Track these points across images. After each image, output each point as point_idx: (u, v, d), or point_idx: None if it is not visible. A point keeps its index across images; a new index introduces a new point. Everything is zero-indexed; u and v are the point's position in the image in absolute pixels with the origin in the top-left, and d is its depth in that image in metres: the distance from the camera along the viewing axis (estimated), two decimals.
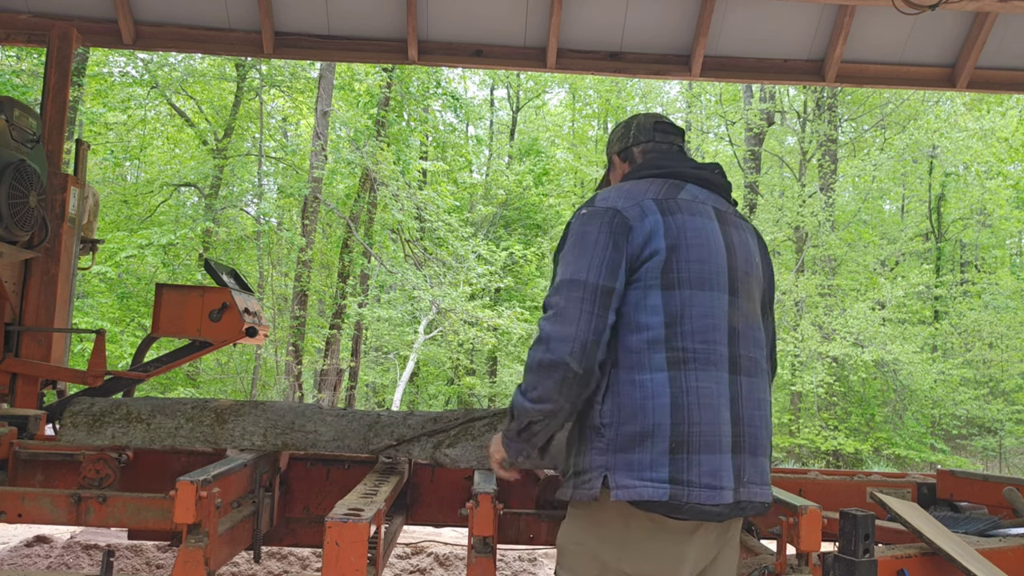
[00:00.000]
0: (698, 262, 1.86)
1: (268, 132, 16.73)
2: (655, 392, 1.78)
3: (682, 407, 1.78)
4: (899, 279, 16.10)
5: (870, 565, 2.00)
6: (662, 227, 1.84)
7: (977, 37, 5.62)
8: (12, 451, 3.01)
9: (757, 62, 5.86)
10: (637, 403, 1.79)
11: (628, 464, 1.77)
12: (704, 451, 1.78)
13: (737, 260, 1.94)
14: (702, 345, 1.82)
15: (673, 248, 1.84)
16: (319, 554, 4.52)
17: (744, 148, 18.42)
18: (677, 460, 1.76)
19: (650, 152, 2.10)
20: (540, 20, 5.60)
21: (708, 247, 1.88)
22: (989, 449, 16.38)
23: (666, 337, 1.81)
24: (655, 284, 1.82)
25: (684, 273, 1.84)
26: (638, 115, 2.20)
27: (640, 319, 1.82)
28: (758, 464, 1.89)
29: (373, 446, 2.85)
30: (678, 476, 1.76)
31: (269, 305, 15.73)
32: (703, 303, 1.84)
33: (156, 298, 4.42)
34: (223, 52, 6.00)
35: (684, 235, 1.86)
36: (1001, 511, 3.01)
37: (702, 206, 1.94)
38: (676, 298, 1.83)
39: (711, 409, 1.81)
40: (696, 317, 1.83)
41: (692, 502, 1.76)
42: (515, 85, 21.85)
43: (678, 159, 2.06)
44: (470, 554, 2.23)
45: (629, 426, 1.79)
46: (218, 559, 2.31)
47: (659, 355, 1.80)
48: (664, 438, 1.77)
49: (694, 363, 1.81)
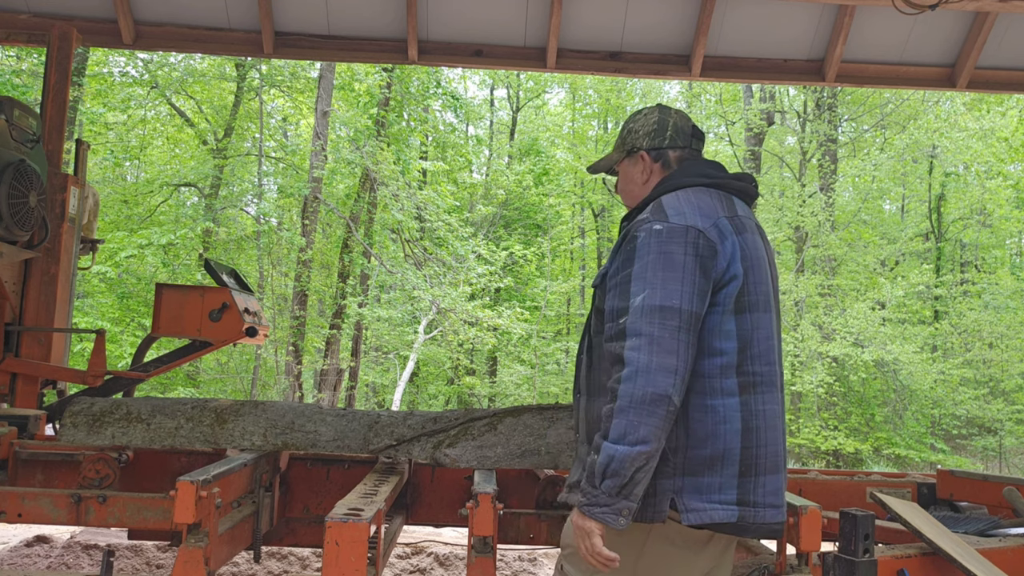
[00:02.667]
0: (760, 284, 1.84)
1: (268, 132, 16.73)
2: (727, 417, 1.76)
3: (752, 431, 1.77)
4: (899, 279, 16.10)
5: (870, 565, 2.00)
6: (739, 250, 1.80)
7: (977, 37, 5.62)
8: (12, 451, 3.01)
9: (757, 62, 5.86)
10: (708, 428, 1.75)
11: (697, 487, 1.75)
12: (768, 472, 1.79)
13: (774, 278, 1.94)
14: (766, 367, 1.82)
15: (747, 271, 1.80)
16: (319, 554, 4.52)
17: (744, 148, 18.42)
18: (745, 483, 1.76)
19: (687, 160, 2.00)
20: (540, 20, 5.60)
21: (763, 268, 1.86)
22: (989, 449, 16.38)
23: (738, 362, 1.78)
24: (730, 309, 1.78)
25: (753, 296, 1.81)
26: (669, 111, 2.05)
27: (715, 344, 1.77)
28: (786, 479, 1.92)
29: (373, 446, 2.85)
30: (745, 498, 1.76)
31: (269, 305, 15.73)
32: (766, 326, 1.83)
33: (156, 298, 4.42)
34: (223, 52, 6.00)
35: (753, 257, 1.83)
36: (1001, 511, 3.01)
37: (750, 222, 1.90)
38: (747, 322, 1.79)
39: (775, 431, 1.82)
40: (762, 340, 1.81)
41: (759, 522, 1.77)
42: (515, 85, 21.85)
43: (718, 168, 1.99)
44: (470, 554, 2.23)
45: (699, 450, 1.75)
46: (218, 559, 2.31)
47: (731, 380, 1.77)
48: (735, 462, 1.75)
49: (761, 387, 1.80)
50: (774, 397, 1.83)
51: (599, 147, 24.15)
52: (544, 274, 18.38)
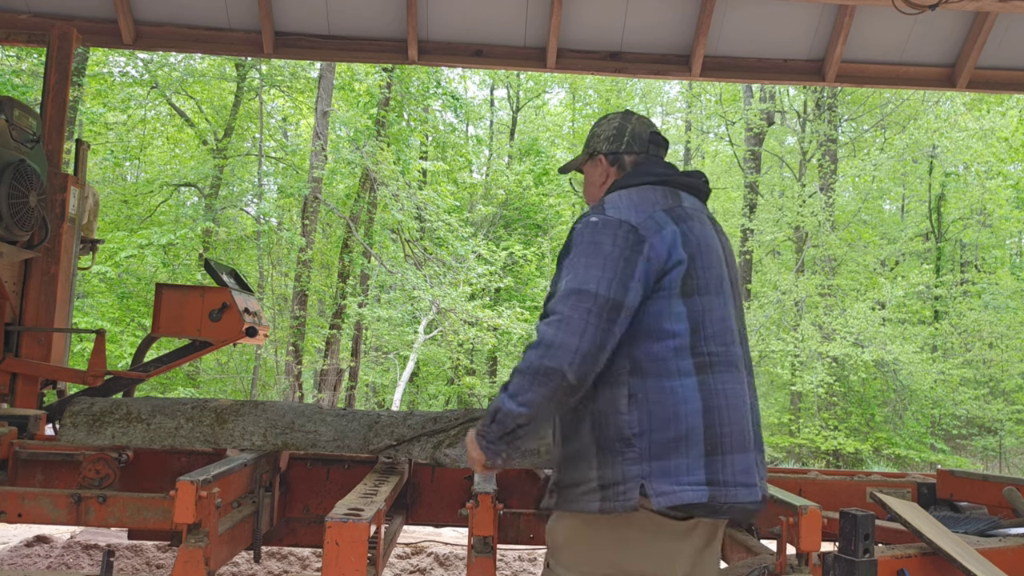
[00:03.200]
0: (710, 268, 1.90)
1: (268, 132, 16.72)
2: (686, 397, 1.80)
3: (713, 409, 1.82)
4: (899, 279, 16.09)
5: (870, 565, 2.00)
6: (679, 237, 1.86)
7: (977, 37, 5.62)
8: (12, 451, 3.01)
9: (757, 62, 5.86)
10: (670, 410, 1.80)
11: (665, 471, 1.78)
12: (736, 451, 1.83)
13: (730, 265, 2.02)
14: (722, 348, 1.87)
15: (692, 256, 1.87)
16: (319, 554, 4.52)
17: (744, 148, 18.41)
18: (712, 462, 1.80)
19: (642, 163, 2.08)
20: (540, 20, 5.60)
21: (714, 254, 1.94)
22: (989, 449, 16.38)
23: (691, 343, 1.83)
24: (677, 292, 1.84)
25: (702, 280, 1.87)
26: (631, 117, 2.15)
27: (666, 327, 1.83)
28: (763, 460, 1.96)
29: (373, 446, 2.85)
30: (715, 478, 1.79)
31: (269, 305, 15.73)
32: (719, 308, 1.89)
33: (156, 298, 4.42)
34: (223, 52, 6.00)
35: (699, 243, 1.90)
36: (1001, 511, 3.01)
37: (699, 214, 1.98)
38: (696, 304, 1.85)
39: (738, 410, 1.86)
40: (715, 321, 1.87)
41: (731, 501, 1.80)
42: (515, 85, 21.85)
43: (669, 167, 2.08)
44: (470, 554, 2.23)
45: (662, 433, 1.79)
46: (218, 559, 2.31)
47: (686, 361, 1.82)
48: (699, 442, 1.79)
49: (719, 366, 1.85)
50: (735, 377, 1.88)
51: None
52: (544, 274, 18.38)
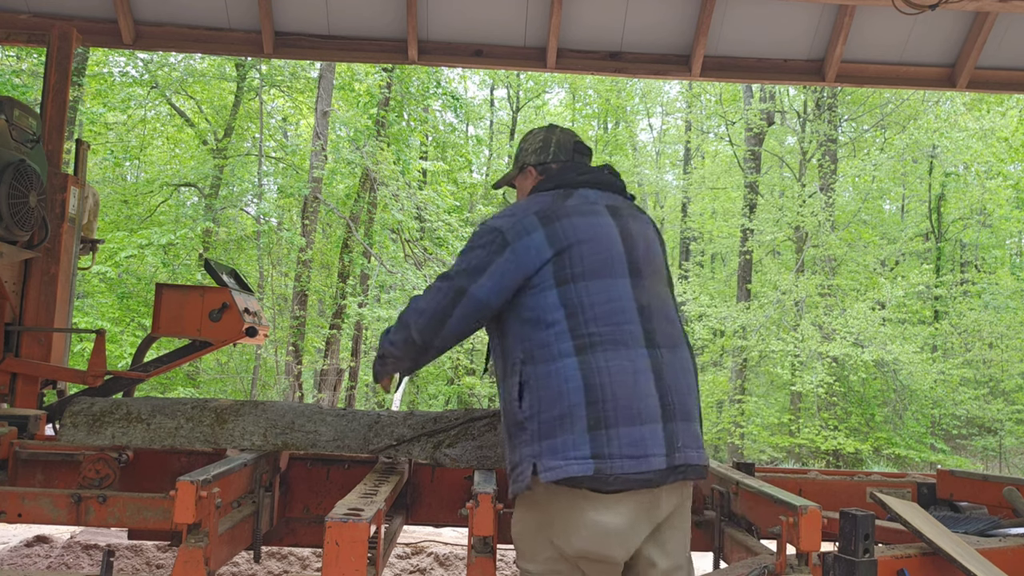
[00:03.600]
0: (593, 254, 2.02)
1: (268, 132, 16.73)
2: (567, 377, 1.92)
3: (595, 386, 1.91)
4: (899, 279, 16.10)
5: (870, 565, 2.00)
6: (546, 238, 2.02)
7: (977, 37, 5.62)
8: (12, 451, 3.01)
9: (757, 62, 5.86)
10: (554, 390, 1.93)
11: (553, 448, 1.91)
12: (623, 424, 1.90)
13: (636, 246, 2.11)
14: (608, 328, 1.97)
15: (563, 250, 2.01)
16: (319, 554, 4.52)
17: (744, 148, 18.41)
18: (597, 436, 1.89)
19: (554, 173, 2.25)
20: (540, 20, 5.60)
21: (602, 240, 2.05)
22: (989, 449, 16.39)
23: (570, 327, 1.96)
24: (551, 284, 1.99)
25: (579, 268, 2.00)
26: (556, 130, 2.35)
27: (545, 317, 1.98)
28: (691, 430, 2.02)
29: (373, 446, 2.85)
30: (600, 451, 1.88)
31: (269, 305, 15.73)
32: (603, 290, 2.00)
33: (156, 298, 4.42)
34: (223, 52, 6.00)
35: (575, 235, 2.03)
36: (1001, 511, 3.01)
37: (593, 206, 2.12)
38: (572, 291, 1.99)
39: (625, 385, 1.93)
40: (598, 304, 1.98)
41: (616, 473, 1.88)
42: (515, 85, 21.86)
43: (572, 171, 2.23)
44: (470, 554, 2.23)
45: (548, 413, 1.93)
46: (218, 559, 2.31)
47: (566, 344, 1.95)
48: (582, 418, 1.90)
49: (602, 345, 1.95)
50: (625, 354, 1.95)
51: (599, 147, 24.15)
52: None
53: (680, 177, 23.02)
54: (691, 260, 21.67)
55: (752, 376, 17.54)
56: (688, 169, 21.98)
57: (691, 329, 17.57)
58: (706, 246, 21.34)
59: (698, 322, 17.04)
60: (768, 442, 15.89)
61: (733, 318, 16.11)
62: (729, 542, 2.75)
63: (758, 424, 16.02)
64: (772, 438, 15.89)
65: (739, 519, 2.78)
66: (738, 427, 15.93)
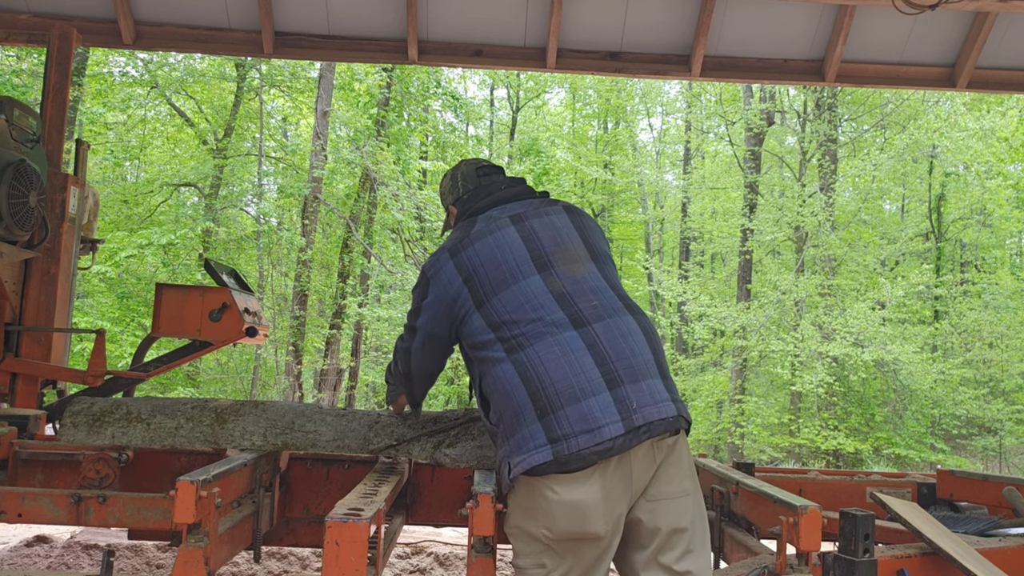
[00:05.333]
0: (496, 269, 2.20)
1: (268, 132, 16.73)
2: (507, 378, 2.07)
3: (531, 378, 2.04)
4: (899, 279, 16.09)
5: (870, 565, 2.00)
6: (455, 268, 2.24)
7: (977, 37, 5.62)
8: (12, 451, 3.01)
9: (757, 62, 5.86)
10: (501, 395, 2.09)
11: (517, 445, 2.03)
12: (567, 404, 2.00)
13: (541, 242, 2.26)
14: (530, 326, 2.10)
15: (469, 277, 2.22)
16: (319, 554, 4.52)
17: (744, 148, 18.41)
18: (547, 422, 2.00)
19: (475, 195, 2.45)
20: (540, 20, 5.60)
21: (503, 252, 2.23)
22: (989, 449, 16.39)
23: (498, 337, 2.13)
24: (471, 309, 2.20)
25: (487, 287, 2.19)
26: (460, 164, 2.58)
27: (480, 338, 2.17)
28: (644, 388, 2.05)
29: (373, 446, 2.85)
30: (553, 435, 1.98)
31: (269, 305, 15.73)
32: (514, 296, 2.16)
33: (156, 298, 4.42)
34: (223, 52, 6.00)
35: (478, 258, 2.23)
36: (1001, 511, 3.01)
37: (495, 223, 2.30)
38: (490, 309, 2.17)
39: (560, 368, 2.03)
40: (515, 310, 2.14)
41: (575, 450, 1.95)
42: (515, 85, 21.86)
43: (476, 199, 2.43)
44: (470, 554, 2.23)
45: (506, 416, 2.08)
46: (218, 559, 2.31)
47: (498, 352, 2.12)
48: (530, 410, 2.02)
49: (527, 340, 2.09)
50: (554, 340, 2.07)
51: (599, 147, 24.15)
52: None
53: (680, 177, 23.01)
54: (691, 260, 21.66)
55: (752, 376, 17.53)
56: (688, 169, 21.97)
57: (691, 329, 17.57)
58: (706, 246, 21.33)
59: (698, 322, 17.04)
60: (768, 442, 15.89)
61: (733, 318, 16.11)
62: (729, 542, 2.75)
63: (758, 424, 16.02)
64: (772, 438, 15.89)
65: (739, 519, 2.78)
66: (738, 427, 15.92)
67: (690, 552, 2.07)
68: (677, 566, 2.05)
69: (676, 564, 2.05)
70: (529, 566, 2.08)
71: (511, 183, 2.48)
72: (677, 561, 2.05)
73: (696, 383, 17.39)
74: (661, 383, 2.09)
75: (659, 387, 2.08)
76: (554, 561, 2.03)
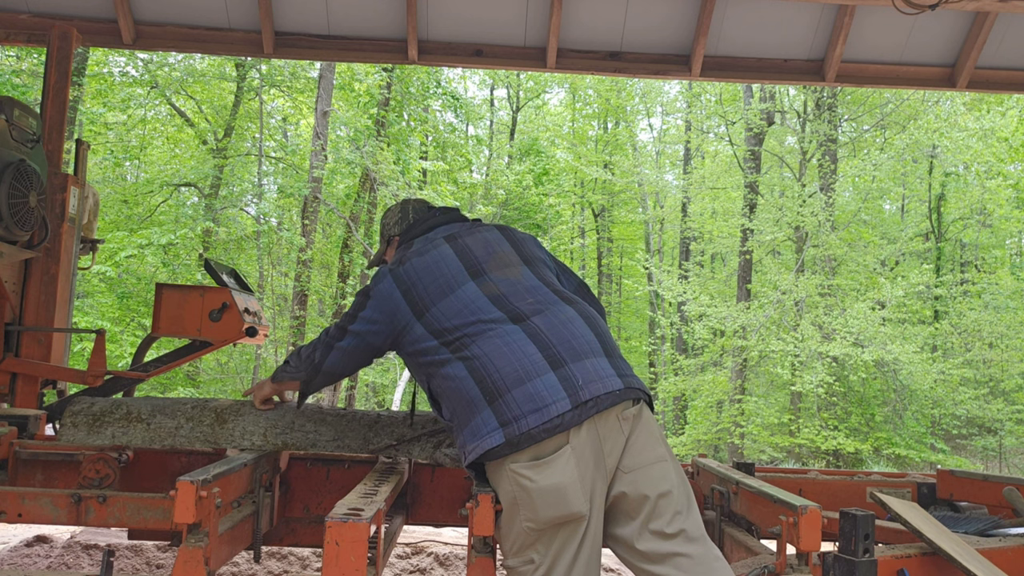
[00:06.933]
0: (433, 282, 2.34)
1: (268, 132, 16.73)
2: (455, 375, 2.17)
3: (478, 369, 2.14)
4: (899, 279, 16.09)
5: (870, 565, 2.00)
6: (392, 283, 2.37)
7: (977, 37, 5.62)
8: (12, 451, 3.01)
9: (757, 62, 5.86)
10: (452, 391, 2.19)
11: (471, 433, 2.12)
12: (514, 387, 2.08)
13: (473, 253, 2.41)
14: (471, 327, 2.21)
15: (407, 290, 2.35)
16: (319, 554, 4.53)
17: (744, 148, 18.41)
18: (497, 407, 2.08)
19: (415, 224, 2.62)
20: (540, 20, 5.60)
21: (439, 266, 2.38)
22: (989, 449, 16.39)
23: (443, 343, 2.24)
24: (413, 320, 2.31)
25: (426, 298, 2.32)
26: (410, 201, 2.77)
27: (421, 346, 2.28)
28: (588, 366, 2.12)
29: (373, 446, 2.85)
30: (503, 418, 2.06)
31: (269, 305, 15.74)
32: (452, 303, 2.28)
33: (156, 298, 4.41)
34: (223, 52, 6.00)
35: (416, 273, 2.37)
36: (1001, 511, 3.01)
37: (431, 243, 2.47)
38: (430, 317, 2.29)
39: (503, 356, 2.13)
40: (454, 315, 2.25)
41: (524, 430, 2.03)
42: (515, 85, 21.86)
43: (415, 226, 2.62)
44: (470, 554, 2.23)
45: (458, 409, 2.18)
46: (218, 559, 2.31)
47: (444, 354, 2.22)
48: (479, 399, 2.11)
49: (471, 340, 2.19)
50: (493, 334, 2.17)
51: (599, 147, 24.15)
52: None
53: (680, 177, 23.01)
54: (691, 260, 21.66)
55: (752, 376, 17.53)
56: (688, 169, 21.97)
57: (691, 329, 17.56)
58: (706, 246, 21.33)
59: (698, 322, 17.04)
60: (768, 442, 15.89)
61: (733, 318, 16.11)
62: (729, 542, 2.75)
63: (758, 424, 16.02)
64: (772, 438, 15.90)
65: (739, 519, 2.78)
66: (738, 427, 15.93)
67: (679, 513, 2.08)
68: (669, 528, 2.05)
69: (667, 527, 2.06)
70: (518, 564, 2.09)
71: (445, 211, 2.68)
72: (668, 524, 2.06)
73: (696, 383, 17.40)
74: (606, 360, 2.17)
75: (604, 364, 2.15)
76: (542, 553, 2.05)
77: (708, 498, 2.93)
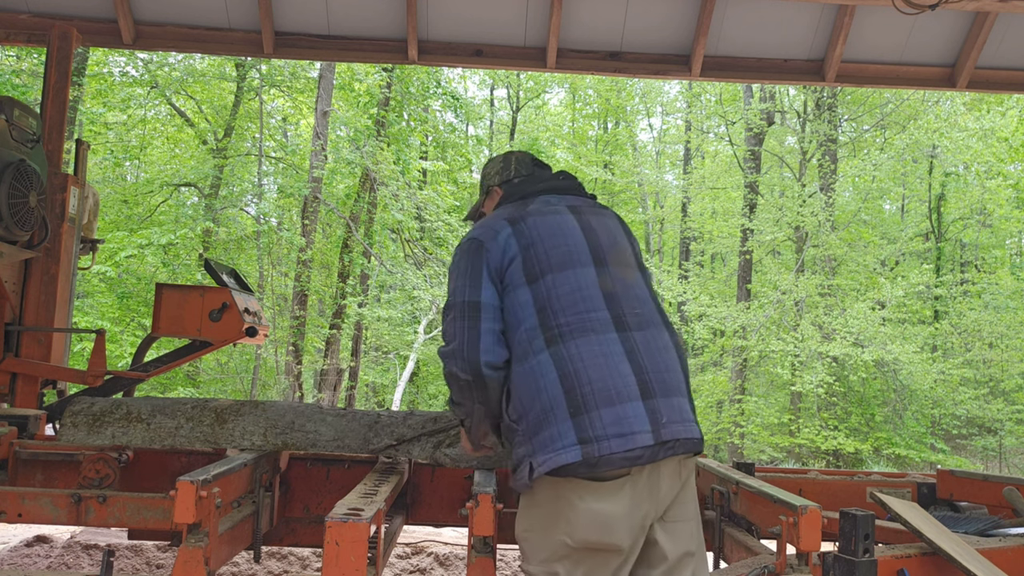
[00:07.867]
0: (556, 248, 2.12)
1: (268, 132, 16.72)
2: (543, 371, 1.98)
3: (569, 374, 1.97)
4: (899, 279, 16.08)
5: (870, 565, 2.00)
6: (513, 235, 2.14)
7: (977, 37, 5.62)
8: (12, 451, 3.01)
9: (757, 62, 5.86)
10: (533, 387, 1.99)
11: (543, 443, 1.95)
12: (603, 406, 1.94)
13: (599, 237, 2.20)
14: (575, 317, 2.03)
15: (528, 246, 2.12)
16: (319, 554, 4.52)
17: (744, 148, 18.41)
18: (579, 422, 1.93)
19: (528, 180, 2.39)
20: (540, 20, 5.60)
21: (564, 234, 2.16)
22: (989, 449, 16.38)
23: (540, 322, 2.03)
24: (522, 282, 2.09)
25: (544, 263, 2.10)
26: (514, 152, 2.53)
27: (518, 315, 2.06)
28: (674, 404, 2.02)
29: (373, 446, 2.85)
30: (584, 435, 1.91)
31: (269, 305, 15.73)
32: (568, 281, 2.08)
33: (156, 298, 4.42)
34: (223, 52, 6.00)
35: (537, 232, 2.14)
36: (1001, 511, 3.01)
37: (554, 207, 2.25)
38: (542, 286, 2.07)
39: (599, 368, 1.97)
40: (564, 295, 2.06)
41: (606, 453, 1.90)
42: (515, 85, 21.87)
43: (531, 182, 2.38)
44: (470, 554, 2.23)
45: (533, 411, 1.98)
46: (218, 559, 2.31)
47: (538, 340, 2.02)
48: (562, 407, 1.94)
49: (572, 334, 2.01)
50: (596, 339, 2.01)
51: (599, 147, 24.16)
52: None
53: (680, 177, 23.01)
54: (691, 260, 21.67)
55: (752, 376, 17.53)
56: (688, 169, 21.97)
57: (691, 329, 17.57)
58: (706, 246, 21.33)
59: (698, 322, 17.03)
60: (768, 442, 15.88)
61: (733, 318, 16.11)
62: (729, 542, 2.75)
63: (758, 424, 16.02)
64: (772, 438, 15.89)
65: (739, 519, 2.78)
66: (738, 427, 15.92)
67: None
68: None
69: None
70: (540, 572, 2.02)
71: (566, 176, 2.43)
72: None
73: (696, 383, 17.38)
74: (687, 403, 2.08)
75: (685, 406, 2.06)
76: (568, 571, 1.97)
77: (708, 498, 2.93)
